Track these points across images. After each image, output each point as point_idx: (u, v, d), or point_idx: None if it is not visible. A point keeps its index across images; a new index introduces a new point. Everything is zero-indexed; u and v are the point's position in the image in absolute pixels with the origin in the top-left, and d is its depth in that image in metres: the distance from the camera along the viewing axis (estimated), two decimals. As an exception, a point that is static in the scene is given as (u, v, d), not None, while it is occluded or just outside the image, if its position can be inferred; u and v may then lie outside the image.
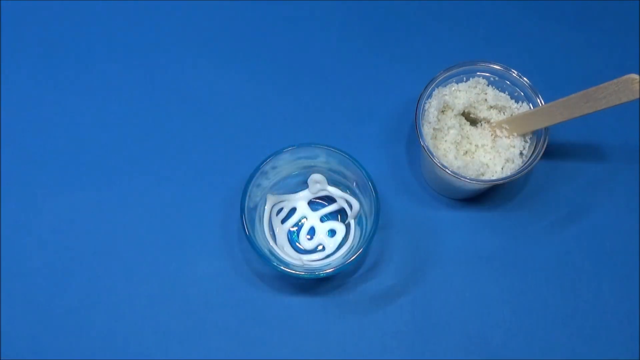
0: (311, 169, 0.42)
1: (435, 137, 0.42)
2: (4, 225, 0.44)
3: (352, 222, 0.43)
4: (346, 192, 0.43)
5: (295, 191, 0.44)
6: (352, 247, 0.41)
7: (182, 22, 0.51)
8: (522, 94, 0.42)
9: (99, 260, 0.43)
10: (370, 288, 0.43)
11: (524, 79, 0.42)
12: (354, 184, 0.42)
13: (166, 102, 0.48)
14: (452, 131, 0.42)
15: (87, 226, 0.44)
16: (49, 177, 0.45)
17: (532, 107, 0.42)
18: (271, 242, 0.41)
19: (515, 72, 0.42)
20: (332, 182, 0.43)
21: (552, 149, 0.46)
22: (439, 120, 0.42)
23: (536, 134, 0.42)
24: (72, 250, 0.43)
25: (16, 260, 0.43)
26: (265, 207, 0.42)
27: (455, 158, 0.41)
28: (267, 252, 0.39)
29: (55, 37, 0.50)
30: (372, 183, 0.39)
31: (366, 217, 0.41)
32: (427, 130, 0.41)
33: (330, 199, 0.44)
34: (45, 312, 0.42)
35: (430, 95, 0.42)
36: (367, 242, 0.38)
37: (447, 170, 0.40)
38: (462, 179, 0.40)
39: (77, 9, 0.51)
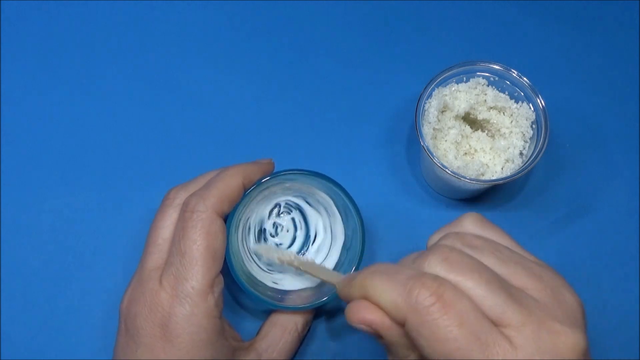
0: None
1: (435, 137, 0.42)
2: (4, 225, 0.44)
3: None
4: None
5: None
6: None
7: (179, 23, 0.51)
8: (522, 94, 0.42)
9: (100, 260, 0.43)
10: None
11: (524, 79, 0.42)
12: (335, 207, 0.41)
13: (165, 104, 0.48)
14: (452, 131, 0.42)
15: (87, 226, 0.44)
16: (49, 177, 0.45)
17: (531, 107, 0.42)
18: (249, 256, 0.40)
19: (515, 72, 0.42)
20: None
21: (552, 149, 0.46)
22: (439, 120, 0.42)
23: (536, 134, 0.42)
24: (72, 250, 0.43)
25: (16, 260, 0.43)
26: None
27: (455, 158, 0.41)
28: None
29: (55, 37, 0.50)
30: (354, 207, 0.38)
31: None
32: (427, 130, 0.41)
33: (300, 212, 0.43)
34: (45, 312, 0.42)
35: (430, 95, 0.42)
36: (357, 264, 0.38)
37: (447, 170, 0.40)
38: (462, 179, 0.40)
39: (77, 9, 0.51)
